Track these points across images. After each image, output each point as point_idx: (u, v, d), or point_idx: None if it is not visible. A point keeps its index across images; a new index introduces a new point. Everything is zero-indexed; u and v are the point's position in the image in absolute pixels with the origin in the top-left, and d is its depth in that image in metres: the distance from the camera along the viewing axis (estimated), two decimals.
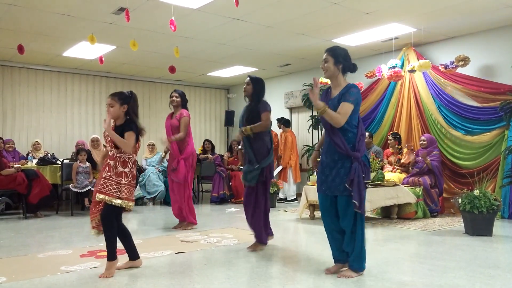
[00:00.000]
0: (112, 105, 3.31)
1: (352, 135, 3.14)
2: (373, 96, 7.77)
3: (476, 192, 4.75)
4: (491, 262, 3.61)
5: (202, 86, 11.26)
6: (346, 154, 3.11)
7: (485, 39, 6.59)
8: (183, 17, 5.83)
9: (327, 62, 3.24)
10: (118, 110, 3.31)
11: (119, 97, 3.34)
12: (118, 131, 3.30)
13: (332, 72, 3.23)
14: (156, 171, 8.21)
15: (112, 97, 3.34)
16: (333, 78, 3.26)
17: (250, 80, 4.18)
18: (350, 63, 3.27)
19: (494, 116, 6.20)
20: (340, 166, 3.14)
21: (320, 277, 3.19)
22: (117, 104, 3.31)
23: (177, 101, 5.36)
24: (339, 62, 3.22)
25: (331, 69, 3.22)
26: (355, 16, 5.97)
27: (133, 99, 3.40)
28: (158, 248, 4.16)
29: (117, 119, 3.35)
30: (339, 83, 3.25)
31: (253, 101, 4.18)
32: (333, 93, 3.26)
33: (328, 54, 3.25)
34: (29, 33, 6.67)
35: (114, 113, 3.31)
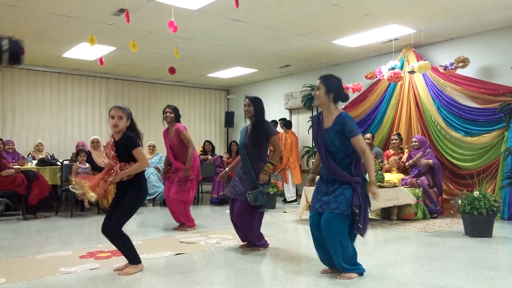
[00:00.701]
0: (121, 117, 3.31)
1: (349, 161, 3.16)
2: (373, 97, 7.77)
3: (476, 193, 4.75)
4: (491, 263, 3.61)
5: (202, 87, 11.26)
6: (346, 181, 3.12)
7: (485, 40, 6.60)
8: (183, 18, 5.83)
9: (318, 89, 3.24)
10: (125, 123, 3.33)
11: (125, 110, 3.35)
12: (119, 145, 3.31)
13: (323, 100, 3.24)
14: (155, 172, 8.20)
15: (122, 110, 3.33)
16: (324, 107, 3.27)
17: (250, 101, 4.18)
18: (342, 92, 3.27)
19: (494, 118, 6.20)
20: (339, 193, 3.12)
21: (320, 278, 3.18)
22: (125, 117, 3.33)
23: (171, 117, 5.35)
24: (331, 91, 3.22)
25: (322, 97, 3.23)
26: (355, 17, 5.97)
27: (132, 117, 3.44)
28: (158, 249, 4.15)
29: (119, 133, 3.33)
30: (330, 112, 3.25)
31: (256, 121, 4.17)
32: (325, 121, 3.26)
33: (321, 82, 3.25)
34: (29, 34, 6.67)
35: (122, 125, 3.31)
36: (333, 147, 3.16)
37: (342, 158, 3.16)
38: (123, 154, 3.30)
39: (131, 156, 3.29)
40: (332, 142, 3.16)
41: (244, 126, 4.37)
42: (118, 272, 3.34)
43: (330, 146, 3.17)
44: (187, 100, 11.01)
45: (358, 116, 7.83)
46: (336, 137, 3.14)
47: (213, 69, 9.34)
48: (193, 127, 11.04)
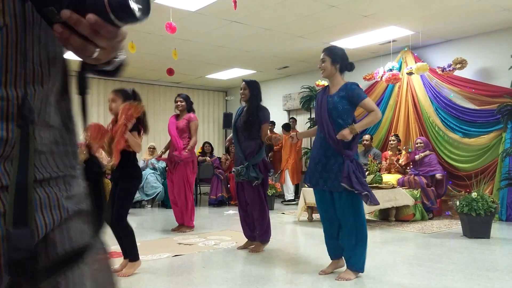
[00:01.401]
0: (114, 100, 3.30)
1: None
2: (371, 98, 7.75)
3: (474, 195, 4.76)
4: (489, 264, 3.62)
5: (200, 89, 11.27)
6: (338, 151, 3.14)
7: (482, 42, 6.62)
8: (182, 19, 5.84)
9: (324, 61, 3.27)
10: (119, 106, 3.28)
11: (122, 93, 3.33)
12: None
13: (329, 71, 3.26)
14: (153, 173, 8.20)
15: (116, 92, 3.34)
16: (331, 77, 3.29)
17: (246, 85, 4.20)
18: (347, 62, 3.31)
19: (492, 119, 6.22)
20: (333, 162, 3.16)
21: (318, 279, 3.19)
22: (120, 100, 3.29)
23: (182, 105, 5.39)
24: (336, 61, 3.25)
25: (329, 68, 3.25)
26: (353, 19, 5.99)
27: (136, 98, 3.36)
28: (156, 251, 4.15)
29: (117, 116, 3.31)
30: (337, 82, 3.28)
31: (251, 104, 4.19)
32: (331, 90, 3.30)
33: (325, 54, 3.28)
34: None
35: (116, 108, 3.28)
36: (335, 111, 3.17)
37: (341, 127, 3.13)
38: None
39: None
40: (335, 105, 3.17)
41: (240, 107, 4.38)
42: (117, 274, 3.33)
43: (333, 109, 3.18)
44: None
45: (357, 117, 7.74)
46: (339, 102, 3.17)
47: (212, 70, 9.34)
48: None
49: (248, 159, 4.11)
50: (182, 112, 5.42)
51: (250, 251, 4.14)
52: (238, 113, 4.32)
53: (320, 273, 3.31)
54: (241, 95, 4.24)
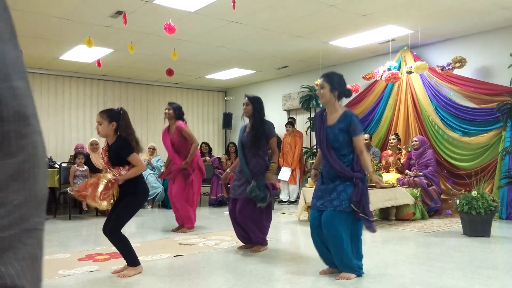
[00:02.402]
0: (100, 122, 3.31)
1: (351, 157, 3.21)
2: (370, 97, 7.79)
3: (474, 193, 4.76)
4: (489, 263, 3.62)
5: (200, 89, 11.26)
6: (349, 177, 3.15)
7: (482, 41, 6.62)
8: (181, 20, 5.83)
9: (323, 88, 3.28)
10: (107, 127, 3.30)
11: (107, 114, 3.33)
12: (111, 149, 3.31)
13: (328, 99, 3.27)
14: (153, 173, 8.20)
15: (101, 114, 3.34)
16: (329, 104, 3.31)
17: (248, 100, 4.20)
18: (345, 88, 3.33)
19: (491, 117, 6.22)
20: (341, 190, 3.15)
21: (318, 279, 3.19)
22: (106, 121, 3.30)
23: (170, 113, 5.39)
24: (335, 88, 3.26)
25: (327, 96, 3.26)
26: (352, 18, 5.99)
27: (123, 116, 3.36)
28: (157, 251, 4.15)
29: (107, 137, 3.34)
30: (335, 109, 3.29)
31: (255, 120, 4.18)
32: (329, 118, 3.30)
33: (324, 80, 3.29)
34: (26, 37, 6.66)
35: (103, 131, 3.31)
36: (337, 143, 3.20)
37: (344, 155, 3.20)
38: (116, 159, 3.29)
39: (125, 161, 3.29)
40: (335, 138, 3.20)
41: (243, 125, 4.39)
42: (117, 274, 3.34)
43: (334, 142, 3.21)
44: (185, 102, 11.00)
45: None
46: (339, 134, 3.19)
47: (211, 70, 9.34)
48: (191, 128, 10.98)
49: (255, 177, 4.06)
50: (171, 121, 5.43)
51: (251, 251, 4.14)
52: (242, 129, 4.33)
53: (320, 272, 3.32)
54: (244, 110, 4.23)
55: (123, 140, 3.32)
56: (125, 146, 3.29)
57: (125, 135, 3.34)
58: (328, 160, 3.22)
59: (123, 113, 3.39)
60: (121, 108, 3.43)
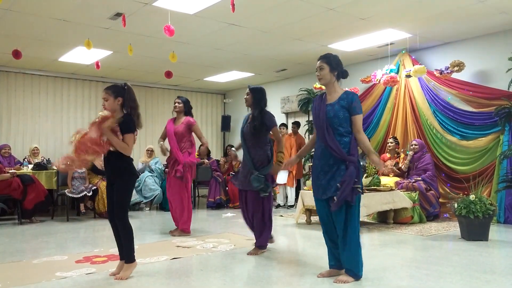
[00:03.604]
0: (106, 99, 3.33)
1: (347, 139, 3.18)
2: (369, 101, 7.80)
3: (472, 197, 4.76)
4: (487, 267, 3.62)
5: (199, 91, 11.27)
6: (342, 158, 3.13)
7: (480, 45, 6.64)
8: (180, 22, 5.84)
9: (322, 69, 3.28)
10: (112, 103, 3.32)
11: (113, 90, 3.35)
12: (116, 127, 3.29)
13: (328, 79, 3.28)
14: (151, 175, 8.19)
15: (106, 90, 3.35)
16: (329, 85, 3.31)
17: (249, 90, 4.26)
18: (343, 69, 3.33)
19: (489, 121, 6.24)
20: (335, 170, 3.15)
21: (316, 282, 3.18)
22: (111, 97, 3.32)
23: (180, 107, 5.40)
24: (334, 69, 3.27)
25: (327, 76, 3.27)
26: (350, 21, 6.00)
27: (127, 91, 3.39)
28: (154, 254, 4.14)
29: (114, 113, 3.32)
30: (335, 89, 3.29)
31: (255, 110, 4.22)
32: (328, 98, 3.30)
33: (323, 62, 3.28)
34: (25, 38, 6.66)
35: (109, 106, 3.31)
36: (336, 119, 3.18)
37: (342, 135, 3.16)
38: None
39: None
40: (336, 114, 3.18)
41: (246, 114, 4.43)
42: (114, 276, 3.33)
43: (334, 118, 3.19)
44: None
45: None
46: (340, 110, 3.18)
47: (210, 73, 9.35)
48: None
49: (257, 168, 4.12)
50: (179, 115, 5.41)
51: (248, 254, 4.14)
52: (245, 120, 4.37)
53: (318, 275, 3.31)
54: (245, 101, 4.29)
55: (128, 116, 3.34)
56: (128, 122, 3.31)
57: (129, 109, 3.36)
58: (325, 139, 3.20)
59: (128, 88, 3.42)
60: (125, 83, 3.44)
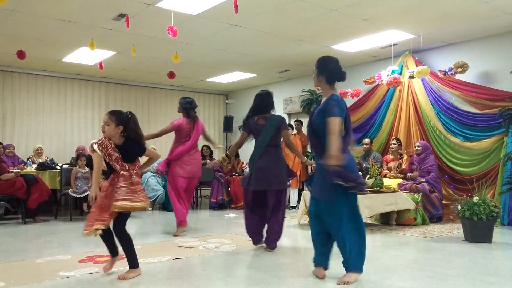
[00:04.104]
0: (108, 123, 3.33)
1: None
2: (371, 102, 7.79)
3: (476, 199, 4.74)
4: (490, 269, 3.60)
5: (201, 92, 11.28)
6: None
7: (484, 46, 6.62)
8: (183, 23, 5.85)
9: (314, 73, 3.35)
10: (113, 130, 3.32)
11: (116, 117, 3.34)
12: (122, 148, 3.34)
13: (316, 83, 3.35)
14: (154, 176, 8.20)
15: (110, 115, 3.35)
16: (322, 89, 3.36)
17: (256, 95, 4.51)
18: (336, 72, 3.24)
19: (493, 123, 6.21)
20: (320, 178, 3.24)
21: (318, 283, 3.18)
22: (113, 124, 3.32)
23: (178, 107, 5.61)
24: (322, 73, 3.26)
25: (315, 80, 3.34)
26: (354, 22, 6.00)
27: (132, 120, 3.40)
28: (157, 254, 4.14)
29: (112, 138, 3.35)
30: (326, 92, 3.30)
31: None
32: (322, 103, 3.33)
33: (315, 66, 3.33)
34: (30, 39, 6.69)
35: (108, 132, 3.33)
36: (315, 124, 3.22)
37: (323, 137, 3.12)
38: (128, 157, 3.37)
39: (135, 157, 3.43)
40: (315, 119, 3.23)
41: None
42: (117, 276, 3.33)
43: (314, 123, 3.25)
44: None
45: (357, 121, 7.85)
46: (318, 114, 3.20)
47: (212, 74, 9.36)
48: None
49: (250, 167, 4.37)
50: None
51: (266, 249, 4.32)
52: None
53: (316, 273, 3.33)
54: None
55: (133, 142, 3.40)
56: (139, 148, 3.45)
57: (133, 137, 3.40)
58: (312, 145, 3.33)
59: (132, 116, 3.43)
60: (130, 112, 3.45)
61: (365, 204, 5.33)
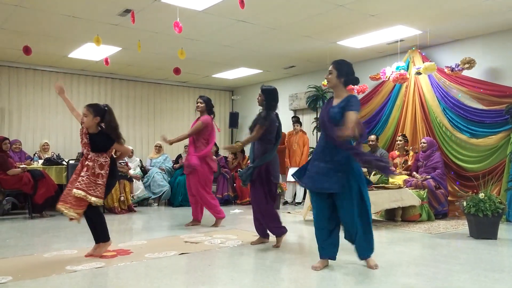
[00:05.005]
0: (86, 115, 3.74)
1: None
2: (378, 98, 7.76)
3: (481, 195, 4.73)
4: (496, 265, 3.60)
5: (207, 88, 11.28)
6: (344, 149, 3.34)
7: (491, 42, 6.57)
8: (188, 19, 5.86)
9: (331, 74, 3.49)
10: (90, 121, 3.73)
11: (94, 109, 3.75)
12: (92, 138, 3.76)
13: (334, 84, 3.50)
14: (160, 172, 8.24)
15: (88, 107, 3.76)
16: (335, 89, 3.53)
17: (261, 92, 4.51)
18: (353, 77, 3.52)
19: (500, 119, 6.18)
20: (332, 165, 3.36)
21: (324, 277, 3.19)
22: (91, 115, 3.72)
23: (202, 106, 5.63)
24: (342, 76, 3.47)
25: (333, 81, 3.49)
26: (360, 18, 5.97)
27: (108, 112, 3.77)
28: (163, 249, 4.17)
29: (89, 128, 3.77)
30: (340, 94, 3.50)
31: (264, 110, 4.45)
32: (334, 101, 3.51)
33: (333, 67, 3.50)
34: (35, 35, 6.72)
35: (87, 122, 3.74)
36: (335, 120, 3.35)
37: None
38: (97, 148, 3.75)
39: (104, 149, 3.76)
40: (335, 115, 3.37)
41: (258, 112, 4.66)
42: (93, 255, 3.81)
43: (333, 119, 3.37)
44: (192, 101, 11.03)
45: (363, 117, 7.82)
46: (339, 112, 3.35)
47: (218, 69, 9.36)
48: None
49: (253, 161, 4.41)
50: (202, 114, 5.62)
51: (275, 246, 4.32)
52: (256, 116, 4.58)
53: (312, 268, 3.41)
54: (257, 101, 4.54)
55: (104, 135, 3.77)
56: (107, 140, 3.77)
57: (109, 129, 3.76)
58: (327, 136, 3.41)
59: (108, 109, 3.80)
60: (106, 105, 3.83)
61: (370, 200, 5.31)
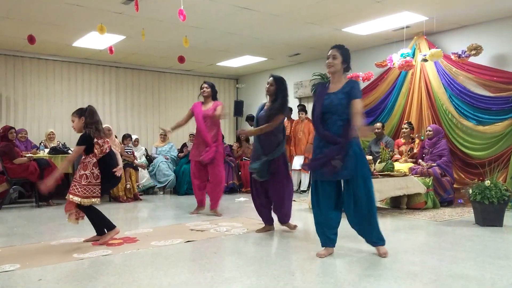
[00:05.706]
0: (73, 120, 3.97)
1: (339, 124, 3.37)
2: (383, 85, 7.71)
3: (487, 183, 4.71)
4: (501, 252, 3.60)
5: (211, 76, 11.24)
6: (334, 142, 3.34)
7: (498, 28, 6.49)
8: (192, 6, 5.81)
9: (335, 58, 3.44)
10: (78, 123, 3.95)
11: (77, 112, 3.99)
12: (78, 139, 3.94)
13: (338, 69, 3.46)
14: (165, 161, 8.27)
15: (73, 113, 4.01)
16: (336, 75, 3.48)
17: (273, 80, 4.33)
18: (350, 64, 3.55)
19: (506, 106, 6.12)
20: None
21: (329, 264, 3.20)
22: (76, 118, 3.95)
23: (208, 91, 5.64)
24: (345, 61, 3.47)
25: (338, 66, 3.45)
26: (365, 4, 5.90)
27: (88, 111, 3.94)
28: (169, 237, 4.20)
29: (79, 131, 3.98)
30: (339, 79, 3.48)
31: (275, 99, 4.32)
32: (331, 87, 3.47)
33: (338, 51, 3.45)
34: (40, 23, 6.71)
35: (76, 126, 3.97)
36: (340, 106, 3.35)
37: (335, 121, 3.37)
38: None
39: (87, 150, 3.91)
40: (340, 101, 3.35)
41: (262, 103, 4.55)
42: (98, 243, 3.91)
43: (338, 105, 3.35)
44: (196, 89, 10.98)
45: (369, 104, 7.78)
46: (345, 97, 3.35)
47: (223, 58, 9.32)
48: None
49: (266, 153, 4.26)
50: (207, 99, 5.56)
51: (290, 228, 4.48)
52: (260, 108, 4.49)
53: (317, 255, 3.44)
54: (267, 90, 4.36)
55: (83, 134, 3.92)
56: (82, 137, 3.91)
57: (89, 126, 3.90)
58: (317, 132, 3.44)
59: (88, 108, 3.99)
60: (88, 105, 4.03)
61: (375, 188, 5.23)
